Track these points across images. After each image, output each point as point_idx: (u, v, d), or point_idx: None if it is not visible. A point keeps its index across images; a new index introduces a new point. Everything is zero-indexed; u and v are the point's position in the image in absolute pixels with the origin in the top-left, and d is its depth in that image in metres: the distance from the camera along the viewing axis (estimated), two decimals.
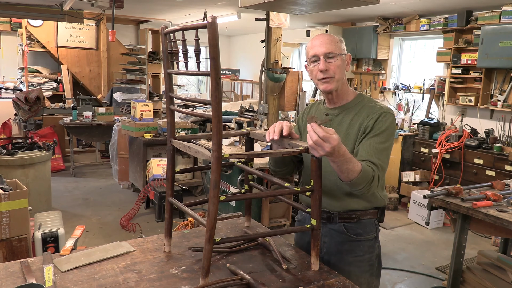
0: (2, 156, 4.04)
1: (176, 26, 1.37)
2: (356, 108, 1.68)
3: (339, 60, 1.63)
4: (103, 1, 5.66)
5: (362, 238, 1.70)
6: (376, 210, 1.72)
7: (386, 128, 1.60)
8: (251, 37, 9.36)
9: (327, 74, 1.63)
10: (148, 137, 5.17)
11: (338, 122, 1.69)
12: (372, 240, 1.73)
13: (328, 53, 1.61)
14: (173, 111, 1.52)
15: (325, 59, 1.62)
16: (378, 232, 1.76)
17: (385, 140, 1.60)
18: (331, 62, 1.62)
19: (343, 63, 1.65)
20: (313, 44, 1.66)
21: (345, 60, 1.66)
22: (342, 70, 1.65)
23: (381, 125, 1.60)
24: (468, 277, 2.75)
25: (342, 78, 1.67)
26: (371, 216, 1.71)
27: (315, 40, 1.66)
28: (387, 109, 1.65)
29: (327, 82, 1.65)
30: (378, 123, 1.60)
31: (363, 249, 1.70)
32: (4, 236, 2.53)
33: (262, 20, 5.00)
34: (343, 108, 1.70)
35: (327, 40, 1.63)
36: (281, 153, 1.42)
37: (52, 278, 1.36)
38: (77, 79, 7.76)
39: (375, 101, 1.71)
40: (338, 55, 1.62)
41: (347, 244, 1.70)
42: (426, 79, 6.03)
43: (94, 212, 4.82)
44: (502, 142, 4.84)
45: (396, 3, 5.24)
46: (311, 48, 1.66)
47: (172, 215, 1.61)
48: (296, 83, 5.37)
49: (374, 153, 1.56)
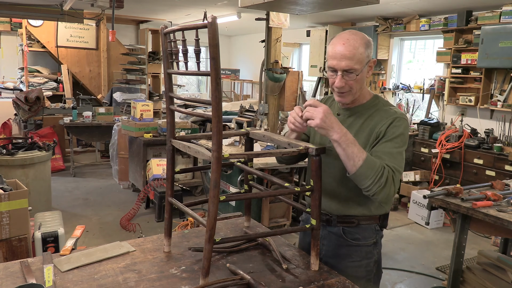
0: (2, 156, 4.04)
1: (176, 26, 1.37)
2: (369, 111, 1.62)
3: (359, 75, 1.53)
4: (103, 1, 5.65)
5: (360, 243, 1.66)
6: (378, 216, 1.67)
7: (400, 134, 1.54)
8: (251, 37, 9.35)
9: (342, 90, 1.56)
10: (148, 137, 5.17)
11: (348, 124, 1.62)
12: (371, 246, 1.68)
13: (347, 69, 1.51)
14: (173, 111, 1.52)
15: (342, 76, 1.52)
16: (379, 238, 1.71)
17: (399, 146, 1.53)
18: (349, 78, 1.52)
19: (363, 75, 1.55)
20: (334, 52, 1.52)
21: (366, 70, 1.56)
22: (361, 82, 1.56)
23: (394, 131, 1.54)
24: (468, 277, 2.75)
25: (360, 89, 1.59)
26: (372, 221, 1.66)
27: (337, 47, 1.51)
28: (401, 114, 1.58)
29: (342, 96, 1.58)
30: (391, 128, 1.54)
31: (360, 255, 1.66)
32: (4, 236, 2.53)
33: (262, 20, 5.00)
34: (355, 110, 1.64)
35: (349, 53, 1.49)
36: (281, 153, 1.42)
37: (52, 278, 1.36)
38: (77, 79, 7.76)
39: (389, 105, 1.64)
40: (358, 70, 1.51)
41: (344, 248, 1.67)
42: (426, 79, 6.03)
43: (94, 212, 4.82)
44: (502, 142, 4.84)
45: (396, 3, 5.24)
46: (331, 55, 1.53)
47: (172, 215, 1.61)
48: (296, 83, 5.37)
49: (388, 157, 1.50)
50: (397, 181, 1.50)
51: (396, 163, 1.50)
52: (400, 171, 1.52)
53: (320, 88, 7.58)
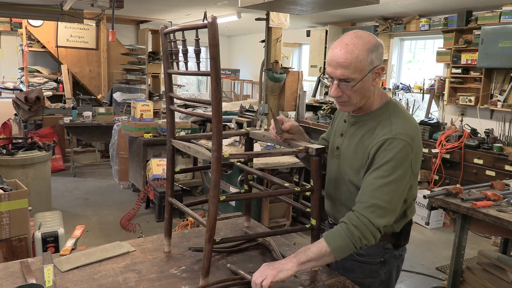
0: (2, 156, 4.04)
1: (176, 26, 1.37)
2: (373, 122, 1.44)
3: (357, 85, 1.36)
4: (103, 1, 5.66)
5: (364, 260, 1.52)
6: (389, 234, 1.50)
7: (390, 159, 1.32)
8: (251, 37, 9.36)
9: (340, 99, 1.42)
10: (148, 137, 5.17)
11: (351, 133, 1.50)
12: (377, 265, 1.52)
13: (342, 79, 1.36)
14: (173, 111, 1.52)
15: (338, 85, 1.38)
16: (390, 257, 1.53)
17: (388, 174, 1.32)
18: (346, 88, 1.37)
19: (363, 86, 1.37)
20: (331, 58, 1.37)
21: (369, 79, 1.37)
22: (361, 93, 1.39)
23: (384, 155, 1.33)
24: (468, 277, 2.75)
25: (362, 99, 1.42)
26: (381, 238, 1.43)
27: (335, 51, 1.35)
28: (398, 134, 1.34)
29: (341, 105, 1.46)
30: (381, 153, 1.34)
31: (363, 272, 1.53)
32: (4, 236, 2.53)
33: (262, 20, 5.01)
34: (360, 119, 1.48)
35: (346, 61, 1.33)
36: (281, 153, 1.42)
37: (52, 278, 1.36)
38: (77, 79, 7.76)
39: (395, 117, 1.41)
40: (355, 80, 1.35)
41: (348, 262, 1.52)
42: (426, 79, 6.03)
43: (94, 212, 4.82)
44: (502, 142, 4.84)
45: (396, 3, 5.24)
46: (328, 62, 1.39)
47: (172, 215, 1.61)
48: (296, 83, 5.38)
49: (368, 192, 1.33)
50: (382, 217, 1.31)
51: (380, 198, 1.31)
52: (385, 207, 1.31)
53: (320, 88, 7.58)
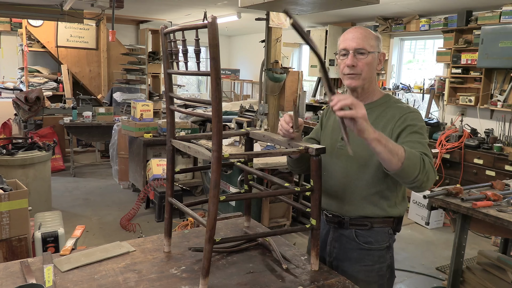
0: (2, 156, 4.04)
1: (176, 26, 1.37)
2: (380, 108, 1.61)
3: (369, 57, 1.55)
4: (103, 1, 5.66)
5: (373, 247, 1.62)
6: (392, 219, 1.63)
7: (422, 126, 1.54)
8: (251, 37, 9.35)
9: (353, 71, 1.55)
10: (148, 137, 5.17)
11: None
12: (384, 250, 1.63)
13: (358, 48, 1.53)
14: (173, 111, 1.52)
15: (354, 55, 1.54)
16: (392, 242, 1.67)
17: (424, 137, 1.52)
18: (361, 59, 1.54)
19: (373, 61, 1.57)
20: (345, 37, 1.58)
21: (376, 58, 1.58)
22: (371, 68, 1.57)
23: (415, 123, 1.53)
24: (468, 277, 2.75)
25: (370, 76, 1.59)
26: (385, 224, 1.62)
27: (349, 33, 1.58)
28: (414, 109, 1.60)
29: (352, 78, 1.57)
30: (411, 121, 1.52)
31: (372, 259, 1.62)
32: (4, 236, 2.53)
33: (262, 20, 5.00)
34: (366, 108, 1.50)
35: (360, 35, 1.55)
36: (281, 153, 1.42)
37: (52, 278, 1.36)
38: (77, 79, 7.76)
39: (401, 102, 1.64)
40: (369, 53, 1.54)
41: (356, 252, 1.63)
42: (426, 79, 6.03)
43: (94, 212, 4.82)
44: (502, 142, 4.84)
45: (396, 3, 5.24)
46: (342, 41, 1.59)
47: (172, 215, 1.61)
48: (296, 83, 5.37)
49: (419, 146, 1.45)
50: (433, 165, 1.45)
51: (428, 152, 1.46)
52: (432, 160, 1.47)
53: (320, 88, 7.58)
